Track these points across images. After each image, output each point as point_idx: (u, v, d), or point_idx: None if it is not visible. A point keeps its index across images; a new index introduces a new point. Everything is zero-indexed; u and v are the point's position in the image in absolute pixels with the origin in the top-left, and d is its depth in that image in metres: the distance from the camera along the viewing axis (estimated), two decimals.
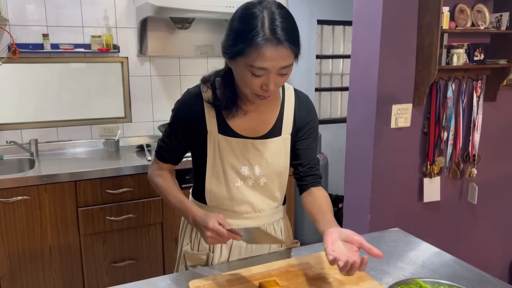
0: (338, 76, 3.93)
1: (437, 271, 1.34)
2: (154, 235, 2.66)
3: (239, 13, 1.17)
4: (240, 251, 1.44)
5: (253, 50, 1.11)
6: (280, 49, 1.11)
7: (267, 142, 1.34)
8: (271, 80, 1.16)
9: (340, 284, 1.21)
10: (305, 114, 1.39)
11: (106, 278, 2.59)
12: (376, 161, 2.28)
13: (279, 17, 1.12)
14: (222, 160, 1.33)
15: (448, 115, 2.34)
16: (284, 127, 1.36)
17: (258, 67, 1.13)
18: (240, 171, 1.34)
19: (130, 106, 3.05)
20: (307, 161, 1.39)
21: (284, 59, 1.13)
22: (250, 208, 1.40)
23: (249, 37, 1.10)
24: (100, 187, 2.47)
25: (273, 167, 1.36)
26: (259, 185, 1.38)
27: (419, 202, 2.45)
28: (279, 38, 1.10)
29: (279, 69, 1.14)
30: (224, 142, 1.32)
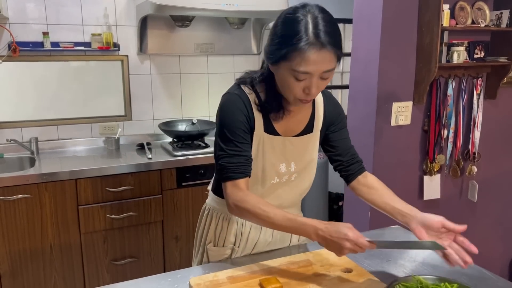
0: (338, 74, 3.93)
1: (437, 268, 1.34)
2: (154, 233, 2.66)
3: (283, 18, 1.17)
4: (264, 247, 1.47)
5: (297, 54, 1.11)
6: (324, 52, 1.11)
7: (302, 139, 1.38)
8: (314, 84, 1.16)
9: (340, 282, 1.22)
10: (333, 108, 1.43)
11: (107, 276, 2.59)
12: (377, 159, 2.28)
13: (323, 21, 1.12)
14: (264, 158, 1.35)
15: (448, 113, 2.34)
16: (316, 124, 1.39)
17: (301, 71, 1.14)
18: (278, 169, 1.37)
19: (130, 104, 3.05)
20: (346, 150, 1.44)
21: (327, 63, 1.13)
22: (277, 204, 1.37)
23: (293, 42, 1.11)
24: (100, 185, 2.47)
25: (304, 161, 1.40)
26: (291, 181, 1.41)
27: (420, 199, 2.45)
28: (322, 42, 1.10)
29: (322, 73, 1.15)
30: (268, 140, 1.34)
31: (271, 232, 1.47)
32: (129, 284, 1.26)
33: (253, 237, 1.46)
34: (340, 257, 1.16)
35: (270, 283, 1.19)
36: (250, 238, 1.46)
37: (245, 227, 1.45)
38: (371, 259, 1.39)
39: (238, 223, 1.46)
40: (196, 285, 1.20)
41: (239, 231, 1.45)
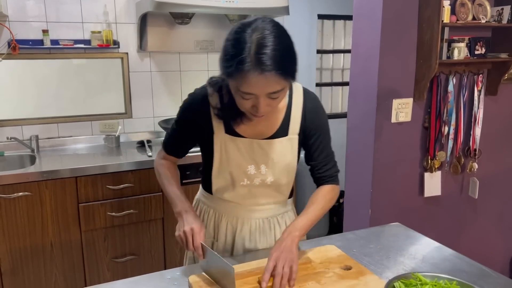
0: (339, 71, 3.92)
1: (437, 265, 1.33)
2: (155, 231, 2.66)
3: (232, 34, 1.14)
4: (244, 242, 1.45)
5: (239, 75, 1.10)
6: (267, 76, 1.08)
7: (274, 142, 1.35)
8: (261, 103, 1.15)
9: (340, 279, 1.21)
10: (314, 115, 1.37)
11: (108, 274, 2.59)
12: (377, 156, 2.28)
13: (269, 43, 1.08)
14: (229, 160, 1.35)
15: (449, 110, 2.33)
16: (291, 128, 1.36)
17: (244, 92, 1.13)
18: (246, 171, 1.36)
19: (130, 102, 3.04)
20: (317, 163, 1.40)
21: (271, 86, 1.11)
22: (255, 202, 1.43)
23: (236, 62, 1.09)
24: (101, 183, 2.47)
25: (279, 166, 1.37)
26: (266, 184, 1.39)
27: (420, 196, 2.44)
28: (264, 66, 1.07)
29: (268, 94, 1.13)
30: (231, 142, 1.33)
31: (248, 228, 1.45)
32: (129, 282, 1.26)
33: (231, 231, 1.45)
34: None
35: (270, 280, 1.19)
36: (228, 231, 1.45)
37: (221, 222, 1.46)
38: (370, 256, 1.39)
39: (216, 216, 1.47)
40: (195, 282, 1.20)
41: (216, 224, 1.47)
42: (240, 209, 1.44)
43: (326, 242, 1.48)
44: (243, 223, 1.45)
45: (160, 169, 1.47)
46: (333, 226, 3.65)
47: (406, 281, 1.15)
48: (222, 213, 1.46)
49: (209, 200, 1.49)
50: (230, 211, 1.45)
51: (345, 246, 1.44)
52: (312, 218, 1.32)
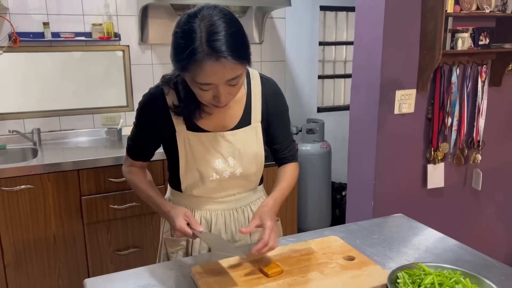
0: (341, 63, 3.89)
1: (440, 255, 1.33)
2: (157, 224, 2.66)
3: (179, 27, 1.11)
4: (221, 235, 1.43)
5: (194, 66, 1.08)
6: (223, 62, 1.07)
7: (237, 132, 1.34)
8: (221, 92, 1.14)
9: (343, 269, 1.21)
10: (274, 100, 1.39)
11: (111, 266, 2.60)
12: (380, 147, 2.27)
13: (220, 29, 1.07)
14: (195, 156, 1.33)
15: (453, 101, 2.31)
16: (253, 116, 1.36)
17: (202, 83, 1.12)
18: (214, 165, 1.34)
19: (132, 95, 3.04)
20: (280, 146, 1.44)
21: (228, 72, 1.10)
22: (226, 194, 1.42)
23: (188, 54, 1.06)
24: (103, 175, 2.47)
25: (246, 156, 1.37)
26: (235, 176, 1.38)
27: (423, 188, 2.43)
28: (219, 53, 1.05)
29: (227, 81, 1.12)
30: (194, 138, 1.32)
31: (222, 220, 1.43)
32: (131, 273, 1.26)
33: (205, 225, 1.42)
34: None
35: (271, 268, 1.19)
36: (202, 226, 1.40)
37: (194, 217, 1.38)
38: (373, 247, 1.38)
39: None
40: (197, 273, 1.20)
41: None
42: (212, 203, 1.42)
43: (329, 233, 1.48)
44: (217, 216, 1.43)
45: (129, 178, 1.44)
46: (335, 218, 3.64)
47: (409, 272, 1.14)
48: (195, 209, 1.44)
49: (179, 197, 1.45)
50: (202, 206, 1.42)
51: (348, 237, 1.44)
52: (285, 192, 1.39)
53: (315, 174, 3.37)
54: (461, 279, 1.08)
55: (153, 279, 1.21)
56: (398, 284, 1.11)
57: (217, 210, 1.43)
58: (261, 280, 1.16)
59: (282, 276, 1.17)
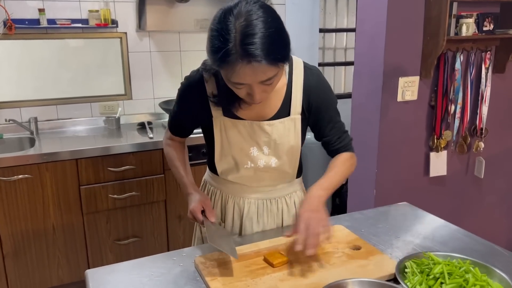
0: (342, 51, 3.85)
1: (447, 244, 1.31)
2: (157, 213, 2.64)
3: (214, 24, 1.06)
4: (252, 224, 1.43)
5: (227, 66, 1.04)
6: (256, 66, 1.02)
7: (275, 123, 1.30)
8: (255, 91, 1.10)
9: (349, 258, 1.19)
10: (317, 91, 1.30)
11: (111, 256, 2.58)
12: (382, 135, 2.24)
13: (255, 30, 1.00)
14: (230, 143, 1.32)
15: (456, 88, 2.28)
16: (293, 107, 1.31)
17: (235, 82, 1.08)
18: (249, 153, 1.32)
19: (130, 83, 2.99)
20: (330, 138, 1.36)
21: (261, 74, 1.05)
22: (261, 184, 1.40)
23: (222, 54, 1.02)
24: (102, 165, 2.44)
25: (282, 148, 1.33)
26: (270, 167, 1.36)
27: (426, 176, 2.41)
28: (252, 56, 1.00)
29: (261, 82, 1.07)
30: (231, 124, 1.30)
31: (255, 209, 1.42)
32: (134, 263, 1.23)
33: (238, 213, 1.43)
34: None
35: (276, 258, 1.16)
36: (235, 213, 1.43)
37: (228, 203, 1.43)
38: (379, 236, 1.36)
39: (223, 197, 1.44)
40: (201, 263, 1.17)
41: (223, 205, 1.44)
42: (246, 190, 1.41)
43: (333, 222, 1.45)
44: (250, 204, 1.42)
45: (167, 150, 1.47)
46: (335, 207, 3.63)
47: (417, 261, 1.12)
48: (229, 194, 1.44)
49: (215, 181, 1.47)
50: (237, 192, 1.42)
51: (353, 226, 1.42)
52: (334, 181, 1.29)
53: (316, 162, 3.35)
54: (470, 268, 1.06)
55: (156, 270, 1.19)
56: (406, 274, 1.10)
57: (250, 198, 1.41)
58: (266, 270, 1.14)
59: (287, 266, 1.15)
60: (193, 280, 1.14)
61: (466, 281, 1.01)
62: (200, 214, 1.27)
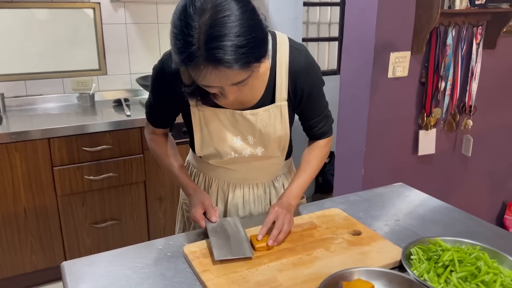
0: (326, 26, 3.73)
1: (449, 227, 1.25)
2: (136, 194, 2.52)
3: (176, 18, 0.90)
4: (237, 210, 1.33)
5: (192, 69, 0.91)
6: (225, 71, 0.88)
7: (259, 112, 1.17)
8: (227, 92, 0.97)
9: (350, 245, 1.11)
10: (305, 74, 1.16)
11: (87, 240, 2.46)
12: (372, 113, 2.16)
13: (224, 30, 0.85)
14: (211, 133, 1.20)
15: (447, 64, 2.22)
16: (278, 93, 1.17)
17: (203, 85, 0.95)
18: (232, 143, 1.21)
19: (104, 57, 2.81)
20: (312, 122, 1.27)
21: (234, 78, 0.92)
22: (246, 167, 1.30)
23: (185, 57, 0.88)
24: (76, 144, 2.29)
25: (268, 137, 1.21)
26: (256, 156, 1.25)
27: (414, 155, 2.36)
28: (221, 63, 0.86)
29: (232, 84, 0.94)
30: (210, 113, 1.17)
31: (241, 194, 1.33)
32: (115, 254, 1.12)
33: (222, 198, 1.34)
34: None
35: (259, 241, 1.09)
36: (219, 198, 1.34)
37: (211, 187, 1.33)
38: (378, 220, 1.29)
39: (206, 181, 1.34)
40: (191, 253, 1.08)
41: (206, 190, 1.34)
42: (231, 174, 1.31)
43: (328, 205, 1.38)
44: (235, 188, 1.32)
45: (152, 148, 1.33)
46: (319, 186, 3.58)
47: (423, 247, 1.05)
48: (212, 178, 1.33)
49: (198, 163, 1.36)
50: (220, 176, 1.32)
51: (350, 209, 1.34)
52: (306, 184, 1.26)
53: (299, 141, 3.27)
54: (481, 255, 1.00)
55: (140, 260, 1.09)
56: (411, 261, 1.03)
57: (236, 182, 1.31)
58: (262, 260, 1.05)
59: (286, 255, 1.07)
60: (182, 271, 1.04)
61: (478, 268, 0.95)
62: (202, 220, 1.15)
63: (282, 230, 1.10)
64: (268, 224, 1.11)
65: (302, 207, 1.36)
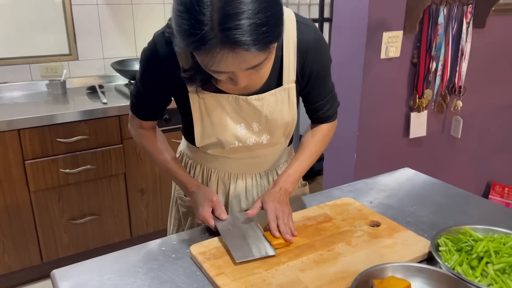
0: (306, 7, 3.63)
1: (468, 214, 1.18)
2: (116, 187, 2.37)
3: None
4: (240, 202, 1.23)
5: (203, 53, 0.80)
6: (242, 53, 0.78)
7: (265, 96, 1.06)
8: (239, 77, 0.86)
9: (372, 238, 1.03)
10: (314, 52, 1.06)
11: (65, 237, 2.30)
12: (365, 96, 2.09)
13: (241, 6, 0.74)
14: (212, 121, 1.08)
15: (438, 43, 2.16)
16: (286, 75, 1.06)
17: (214, 71, 0.83)
18: (236, 132, 1.10)
19: (75, 41, 2.61)
20: (318, 105, 1.17)
21: (250, 61, 0.81)
22: (248, 155, 1.19)
23: (196, 40, 0.76)
24: (49, 136, 2.12)
25: (275, 124, 1.11)
26: (261, 144, 1.15)
27: (405, 138, 2.31)
28: (238, 44, 0.75)
29: (247, 68, 0.84)
30: (211, 99, 1.05)
31: (243, 185, 1.23)
32: (114, 256, 1.00)
33: (223, 190, 1.23)
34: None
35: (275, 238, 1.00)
36: (219, 190, 1.23)
37: (210, 179, 1.22)
38: (392, 209, 1.21)
39: (204, 173, 1.23)
40: (199, 254, 0.97)
41: (205, 183, 1.23)
42: (232, 164, 1.20)
43: (336, 194, 1.29)
44: (237, 179, 1.22)
45: (142, 144, 1.20)
46: None
47: (452, 237, 0.98)
48: (211, 169, 1.22)
49: (194, 153, 1.23)
50: (221, 166, 1.21)
51: (360, 198, 1.26)
52: (303, 169, 1.16)
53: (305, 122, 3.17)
54: None
55: (143, 264, 0.97)
56: (440, 253, 0.95)
57: (237, 173, 1.20)
58: (280, 258, 0.95)
59: (305, 252, 0.97)
60: (192, 275, 0.93)
61: None
62: (212, 220, 1.05)
63: (289, 225, 1.03)
64: (274, 220, 1.02)
65: (309, 198, 1.27)
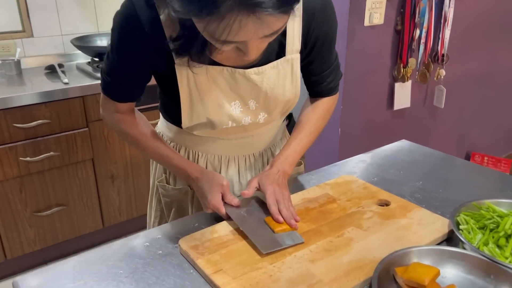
0: None
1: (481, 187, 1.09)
2: (84, 174, 2.18)
3: None
4: (233, 188, 1.09)
5: (217, 19, 0.65)
6: (263, 18, 0.66)
7: (265, 69, 0.92)
8: (250, 47, 0.72)
9: (384, 219, 0.92)
10: (319, 19, 0.93)
11: (31, 231, 2.11)
12: (349, 66, 1.98)
13: None
14: (203, 99, 0.92)
15: (422, 9, 2.07)
16: (289, 44, 0.92)
17: (224, 40, 0.68)
18: (229, 111, 0.95)
19: (28, 16, 2.36)
20: (321, 76, 1.03)
21: (268, 28, 0.69)
22: (241, 136, 1.05)
23: (208, 4, 0.63)
24: (5, 121, 1.90)
25: (275, 101, 0.97)
26: (258, 123, 1.01)
27: (389, 110, 2.23)
28: (259, 6, 0.63)
29: (262, 37, 0.71)
30: (203, 74, 0.89)
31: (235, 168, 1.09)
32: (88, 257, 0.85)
33: None
34: None
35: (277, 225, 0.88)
36: None
37: (198, 162, 1.07)
38: (398, 184, 1.10)
39: (190, 156, 1.08)
40: (191, 248, 0.83)
41: None
42: (223, 145, 1.05)
43: (334, 171, 1.18)
44: (228, 162, 1.08)
45: (124, 132, 1.02)
46: None
47: (471, 214, 0.88)
48: (198, 152, 1.07)
49: (176, 134, 1.07)
50: (210, 149, 1.06)
51: (362, 175, 1.15)
52: (304, 147, 1.04)
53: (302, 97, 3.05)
54: None
55: (125, 264, 0.82)
56: (461, 231, 0.86)
57: (228, 155, 1.06)
58: (287, 250, 0.83)
59: (312, 239, 0.85)
60: (184, 274, 0.80)
61: None
62: (223, 208, 0.91)
63: (289, 209, 0.90)
64: (275, 204, 0.90)
65: (305, 178, 1.15)
